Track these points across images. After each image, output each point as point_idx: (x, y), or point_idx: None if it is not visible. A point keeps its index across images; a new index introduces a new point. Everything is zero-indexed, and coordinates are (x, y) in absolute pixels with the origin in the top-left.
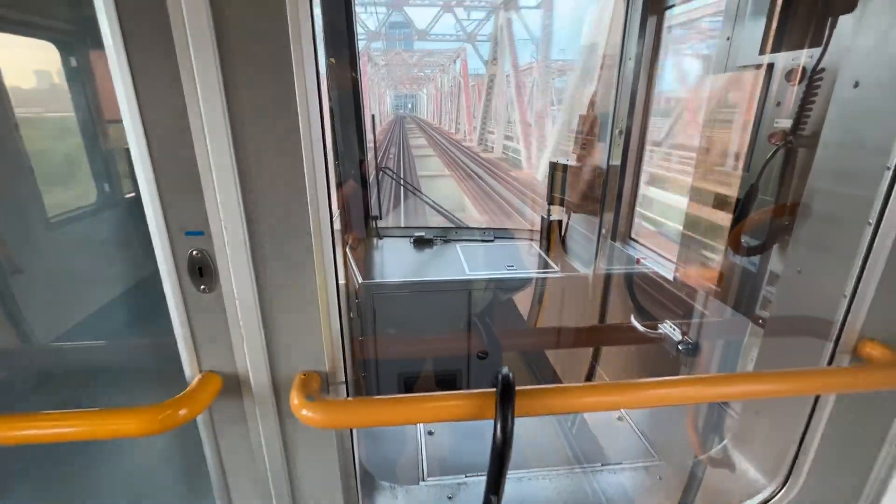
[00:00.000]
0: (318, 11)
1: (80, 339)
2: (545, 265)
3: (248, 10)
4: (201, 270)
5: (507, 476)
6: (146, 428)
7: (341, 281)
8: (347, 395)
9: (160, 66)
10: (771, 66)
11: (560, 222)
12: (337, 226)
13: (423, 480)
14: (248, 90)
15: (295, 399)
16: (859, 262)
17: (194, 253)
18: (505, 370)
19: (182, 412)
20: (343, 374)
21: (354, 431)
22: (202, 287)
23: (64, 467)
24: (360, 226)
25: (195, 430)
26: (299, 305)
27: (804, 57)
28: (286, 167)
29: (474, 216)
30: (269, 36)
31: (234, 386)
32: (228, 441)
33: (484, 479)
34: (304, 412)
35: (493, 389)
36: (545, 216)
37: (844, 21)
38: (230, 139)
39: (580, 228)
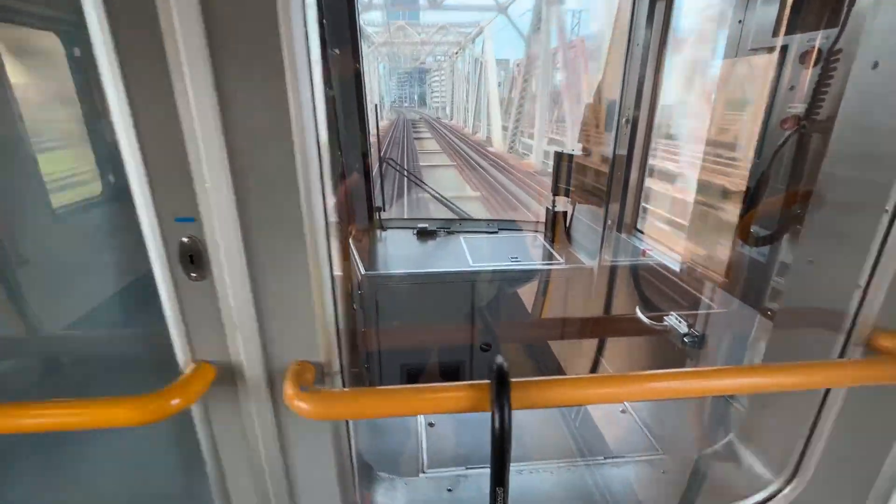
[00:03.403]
0: None
1: (88, 329)
2: (550, 257)
3: None
4: (192, 258)
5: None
6: (138, 417)
7: (337, 272)
8: (343, 386)
9: (147, 49)
10: (784, 49)
11: (565, 213)
12: (332, 216)
13: (423, 472)
14: (237, 73)
15: (288, 389)
16: (875, 251)
17: (185, 240)
18: (500, 360)
19: (175, 402)
20: (338, 365)
21: (351, 422)
22: (194, 275)
23: (60, 456)
24: (364, 217)
25: (193, 421)
26: (292, 294)
27: (820, 38)
28: (277, 153)
29: None
30: (259, 17)
31: (227, 375)
32: (223, 431)
33: (483, 471)
34: (297, 402)
35: (489, 381)
36: (550, 207)
37: None
38: (219, 123)
39: (585, 219)
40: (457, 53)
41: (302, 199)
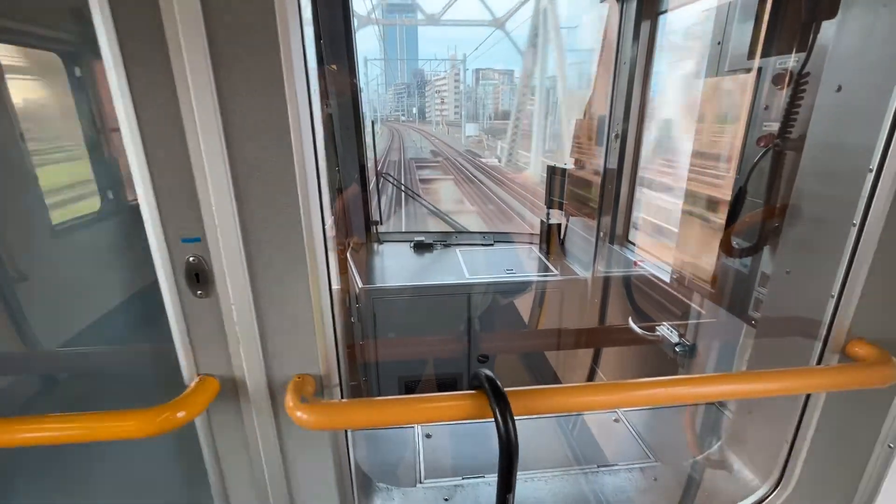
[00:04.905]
0: (309, 18)
1: (86, 345)
2: (545, 269)
3: (239, 21)
4: (198, 276)
5: None
6: (145, 429)
7: (336, 286)
8: (342, 398)
9: (156, 75)
10: (759, 71)
11: (559, 226)
12: (331, 232)
13: (420, 482)
14: (241, 98)
15: (289, 401)
16: (845, 263)
17: (191, 259)
18: (486, 372)
19: (180, 414)
20: (337, 377)
21: (350, 433)
22: (199, 292)
23: (66, 470)
24: (361, 231)
25: (196, 434)
26: (294, 310)
27: (791, 61)
28: (279, 174)
29: None
30: (261, 45)
31: (230, 389)
32: (226, 443)
33: (479, 480)
34: (298, 414)
35: (485, 389)
36: (544, 220)
37: (827, 26)
38: (224, 147)
39: (579, 231)
40: None
41: (302, 219)
